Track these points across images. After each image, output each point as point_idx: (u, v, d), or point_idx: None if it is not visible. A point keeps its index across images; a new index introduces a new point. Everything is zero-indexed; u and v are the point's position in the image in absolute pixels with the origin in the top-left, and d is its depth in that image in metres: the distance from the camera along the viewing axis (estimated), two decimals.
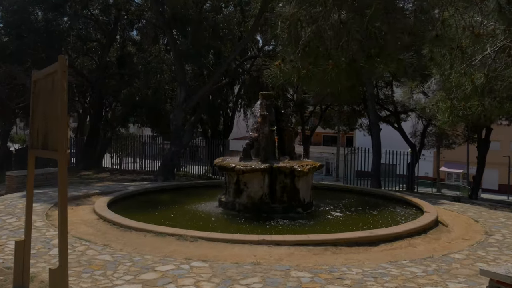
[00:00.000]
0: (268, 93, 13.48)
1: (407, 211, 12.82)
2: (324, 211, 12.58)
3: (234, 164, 12.09)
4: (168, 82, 24.17)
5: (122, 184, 17.27)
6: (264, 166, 11.82)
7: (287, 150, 13.27)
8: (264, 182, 11.95)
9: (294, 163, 12.20)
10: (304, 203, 12.37)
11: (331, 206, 13.27)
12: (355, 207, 13.25)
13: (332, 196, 15.26)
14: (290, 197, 12.08)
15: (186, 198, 14.27)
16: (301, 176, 11.93)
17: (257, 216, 11.67)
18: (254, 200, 12.01)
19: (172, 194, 15.10)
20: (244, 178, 12.04)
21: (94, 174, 22.45)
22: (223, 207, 12.56)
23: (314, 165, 12.35)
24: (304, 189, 12.35)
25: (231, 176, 12.40)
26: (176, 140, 20.04)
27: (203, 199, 13.98)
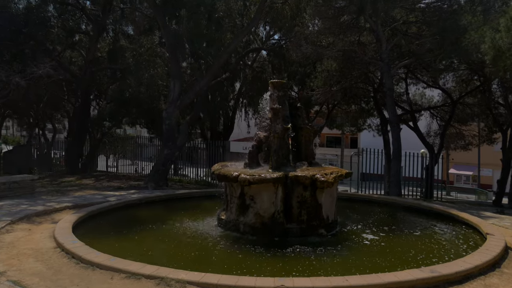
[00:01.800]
0: (280, 82, 10.49)
1: (456, 230, 9.85)
2: (352, 232, 9.60)
3: (238, 173, 9.10)
4: (162, 77, 21.13)
5: (103, 194, 14.30)
6: (277, 176, 8.83)
7: (304, 154, 10.29)
8: (276, 196, 8.96)
9: (315, 171, 9.22)
10: (328, 222, 9.39)
11: (359, 224, 10.30)
12: (388, 225, 10.26)
13: (354, 209, 12.30)
14: (310, 215, 9.10)
15: (177, 213, 11.28)
16: (324, 188, 8.95)
17: (267, 241, 8.71)
18: (264, 219, 9.03)
19: (161, 208, 12.13)
20: (251, 191, 9.06)
21: (77, 180, 19.44)
22: (223, 227, 9.59)
23: (340, 173, 9.37)
24: (327, 204, 9.38)
25: (233, 187, 9.43)
26: (169, 141, 17.04)
27: (199, 215, 11.01)
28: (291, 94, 10.51)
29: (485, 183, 41.94)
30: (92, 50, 22.19)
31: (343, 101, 29.01)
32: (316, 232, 9.04)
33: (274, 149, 9.51)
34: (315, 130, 10.42)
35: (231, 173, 9.20)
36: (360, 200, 13.43)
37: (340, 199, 11.76)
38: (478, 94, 24.88)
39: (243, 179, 8.89)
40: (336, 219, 9.78)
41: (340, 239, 9.04)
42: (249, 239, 8.86)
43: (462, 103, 25.60)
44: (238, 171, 9.21)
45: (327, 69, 23.40)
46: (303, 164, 9.78)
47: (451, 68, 23.09)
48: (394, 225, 10.30)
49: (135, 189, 16.19)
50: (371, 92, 26.60)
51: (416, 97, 29.63)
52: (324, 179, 8.83)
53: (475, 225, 9.69)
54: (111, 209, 11.21)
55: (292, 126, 9.97)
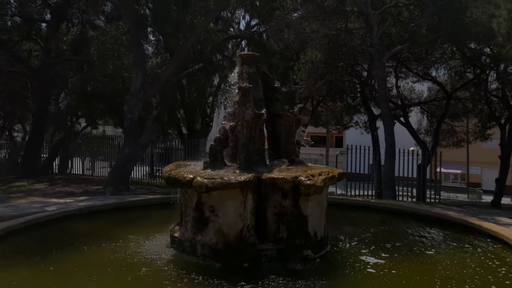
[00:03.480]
0: (252, 54, 7.90)
1: (481, 245, 7.38)
2: (347, 252, 7.05)
3: (193, 175, 6.50)
4: (128, 68, 18.41)
5: (46, 202, 11.61)
6: (245, 178, 6.23)
7: (284, 149, 7.71)
8: (245, 206, 6.37)
9: (298, 172, 6.66)
10: (316, 240, 6.83)
11: (354, 240, 7.76)
12: (391, 240, 7.76)
13: (347, 218, 9.81)
14: (291, 232, 6.53)
15: (123, 228, 8.63)
16: (311, 195, 6.37)
17: (233, 268, 6.16)
18: (228, 239, 6.42)
19: (105, 221, 9.45)
20: (211, 200, 6.46)
21: (30, 184, 16.66)
22: (176, 249, 6.98)
23: (332, 174, 6.80)
24: (315, 216, 6.83)
25: (188, 195, 6.82)
26: (131, 139, 14.37)
27: (151, 229, 8.36)
28: (266, 72, 7.85)
29: (474, 182, 39.90)
30: (51, 40, 19.40)
31: (328, 97, 26.63)
32: (300, 254, 6.46)
33: (243, 143, 6.92)
34: (298, 118, 7.86)
35: (184, 176, 6.59)
36: (353, 206, 10.86)
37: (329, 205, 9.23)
38: (472, 87, 22.75)
39: (199, 184, 6.29)
40: (326, 234, 7.22)
41: (332, 264, 6.48)
42: (207, 266, 6.28)
43: (455, 97, 23.37)
44: (194, 173, 6.60)
45: (311, 60, 20.93)
46: (282, 162, 7.19)
47: (445, 57, 20.87)
48: (399, 240, 7.79)
49: (90, 195, 13.51)
50: (358, 87, 24.27)
51: (405, 92, 27.33)
52: (310, 182, 6.26)
53: (506, 239, 7.24)
54: (39, 223, 8.50)
55: (267, 112, 7.40)
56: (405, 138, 24.24)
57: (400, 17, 18.07)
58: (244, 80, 7.32)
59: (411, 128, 22.58)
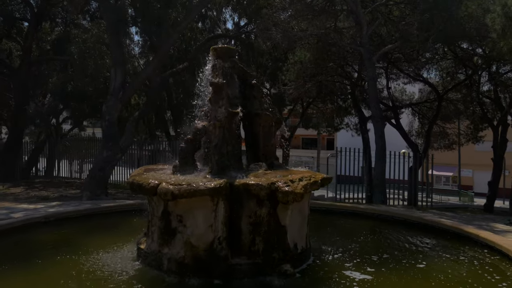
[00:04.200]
0: (227, 48, 7.17)
1: (477, 257, 6.71)
2: (331, 266, 6.35)
3: (158, 181, 5.77)
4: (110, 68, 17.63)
5: (14, 208, 10.82)
6: (215, 185, 5.51)
7: (263, 151, 7.00)
8: (216, 215, 5.66)
9: (277, 176, 5.94)
10: (296, 253, 6.12)
11: (340, 251, 7.05)
12: (380, 252, 7.07)
13: (334, 226, 9.12)
14: (268, 244, 5.82)
15: (90, 237, 7.89)
16: (290, 203, 5.66)
17: (202, 286, 5.45)
18: (198, 252, 5.70)
19: (73, 229, 8.67)
20: (178, 208, 5.74)
21: (5, 188, 15.84)
22: (142, 262, 6.24)
23: (314, 180, 6.09)
24: (295, 226, 6.13)
25: (154, 203, 6.10)
26: (109, 141, 13.60)
27: (120, 239, 7.62)
28: (243, 67, 7.11)
29: (466, 184, 39.40)
30: (31, 39, 18.60)
31: (318, 99, 25.98)
32: (278, 269, 5.74)
33: (215, 144, 6.21)
34: (279, 118, 7.15)
35: (148, 182, 5.86)
36: (341, 212, 10.16)
37: (315, 212, 8.54)
38: (464, 89, 22.21)
39: (164, 191, 5.56)
40: (308, 245, 6.52)
41: (314, 279, 5.78)
42: (173, 283, 5.56)
43: (446, 99, 22.81)
44: (160, 179, 5.87)
45: (300, 60, 20.27)
46: (259, 166, 6.48)
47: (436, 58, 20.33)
48: (388, 252, 7.10)
49: (65, 200, 12.71)
50: (348, 88, 23.63)
51: (396, 93, 26.75)
52: (289, 189, 5.55)
53: (505, 250, 6.57)
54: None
55: (244, 111, 6.69)
56: (396, 140, 23.68)
57: (391, 16, 17.48)
58: (218, 76, 6.60)
59: (403, 130, 21.98)
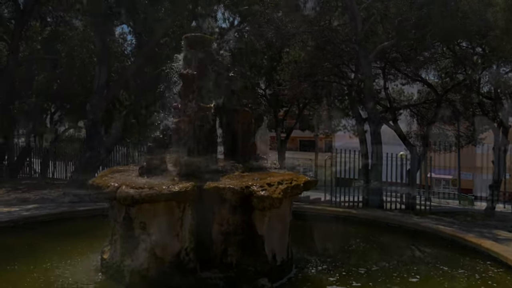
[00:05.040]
0: (200, 36, 6.46)
1: (477, 269, 6.02)
2: (313, 280, 5.67)
3: (118, 184, 5.11)
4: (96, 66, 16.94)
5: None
6: (180, 188, 4.85)
7: (242, 151, 6.34)
8: (182, 223, 5.00)
9: (254, 179, 5.27)
10: (275, 265, 5.44)
11: (326, 262, 6.37)
12: (369, 263, 6.38)
13: (323, 234, 8.44)
14: (243, 255, 5.15)
15: (58, 243, 7.20)
16: (266, 209, 4.99)
17: None
18: (163, 264, 5.04)
19: (41, 234, 7.96)
20: (141, 215, 5.08)
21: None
22: (104, 274, 5.57)
23: (295, 183, 5.42)
24: (274, 235, 5.45)
25: (116, 209, 5.43)
26: (93, 141, 12.92)
27: (86, 246, 6.94)
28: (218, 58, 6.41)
29: (466, 187, 38.64)
30: (17, 38, 17.94)
31: (314, 99, 25.32)
32: (254, 283, 5.08)
33: (184, 143, 5.55)
34: (260, 114, 6.50)
35: (107, 185, 5.20)
36: (333, 217, 9.47)
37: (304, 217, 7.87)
38: (463, 89, 21.55)
39: (124, 195, 4.90)
40: (289, 256, 5.84)
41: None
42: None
43: (446, 100, 22.13)
44: (121, 182, 5.20)
45: (294, 60, 19.64)
46: (235, 167, 5.81)
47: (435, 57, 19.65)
48: (378, 263, 6.41)
49: (45, 202, 12.03)
50: (345, 89, 22.96)
51: (394, 94, 26.03)
52: (265, 193, 4.89)
53: (510, 262, 5.90)
54: None
55: (220, 107, 6.03)
56: (394, 142, 23.02)
57: (388, 13, 16.80)
58: (189, 66, 5.94)
59: (400, 131, 21.26)
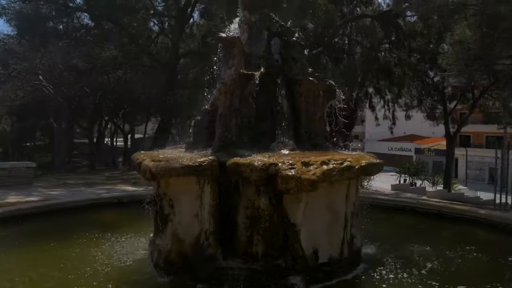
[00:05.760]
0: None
1: None
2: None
3: (144, 158, 4.78)
4: None
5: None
6: (194, 163, 4.27)
7: (306, 128, 5.43)
8: (202, 202, 4.42)
9: (295, 157, 4.37)
10: (316, 263, 4.46)
11: (410, 264, 5.05)
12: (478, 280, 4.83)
13: (429, 236, 6.85)
14: (271, 246, 4.31)
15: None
16: (291, 192, 4.06)
17: None
18: (183, 247, 4.56)
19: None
20: (169, 191, 4.67)
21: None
22: (148, 252, 5.32)
23: (347, 165, 4.34)
24: (318, 226, 4.49)
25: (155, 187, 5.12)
26: None
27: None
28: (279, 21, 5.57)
29: None
30: (177, 35, 19.44)
31: (494, 87, 21.66)
32: (284, 281, 4.23)
33: (220, 114, 4.94)
34: (328, 86, 5.45)
35: (137, 158, 4.91)
36: (455, 217, 7.61)
37: (416, 214, 6.52)
38: None
39: (144, 168, 4.56)
40: (345, 255, 4.74)
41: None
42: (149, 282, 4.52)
43: None
44: (151, 156, 4.86)
45: (459, 41, 17.02)
46: (283, 145, 4.96)
47: None
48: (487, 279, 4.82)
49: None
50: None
51: None
52: (291, 173, 3.98)
53: None
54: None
55: (280, 77, 5.24)
56: None
57: None
58: (243, 31, 5.28)
59: None
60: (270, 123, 5.38)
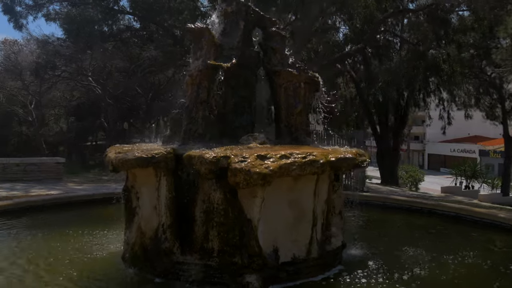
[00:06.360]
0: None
1: None
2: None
3: (112, 151, 4.78)
4: None
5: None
6: (146, 154, 4.20)
7: (286, 121, 5.19)
8: (159, 194, 4.35)
9: (262, 151, 4.16)
10: (276, 262, 4.23)
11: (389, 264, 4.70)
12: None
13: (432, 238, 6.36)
14: (227, 243, 4.14)
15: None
16: (241, 186, 3.86)
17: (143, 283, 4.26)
18: (144, 240, 4.52)
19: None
20: (136, 184, 4.65)
21: None
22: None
23: (310, 159, 4.06)
24: (279, 223, 4.28)
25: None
26: None
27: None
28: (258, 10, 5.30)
29: None
30: None
31: None
32: (239, 279, 4.04)
33: (186, 107, 4.82)
34: (311, 77, 5.18)
35: (106, 151, 4.92)
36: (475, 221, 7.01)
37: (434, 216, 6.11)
38: None
39: (107, 160, 4.58)
40: (312, 255, 4.47)
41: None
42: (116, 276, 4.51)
43: None
44: (116, 149, 4.84)
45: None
46: (253, 138, 4.72)
47: None
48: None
49: None
50: None
51: None
52: (241, 166, 3.79)
53: None
54: None
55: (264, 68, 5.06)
56: None
57: None
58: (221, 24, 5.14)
59: None
60: (249, 116, 5.21)
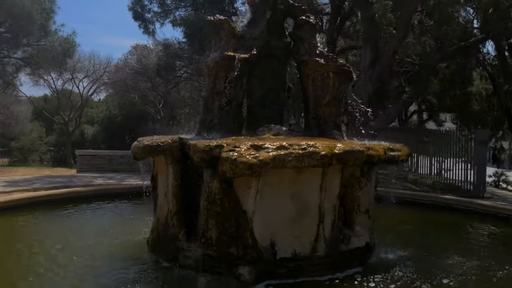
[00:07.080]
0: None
1: None
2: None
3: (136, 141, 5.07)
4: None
5: None
6: (152, 143, 4.38)
7: (314, 113, 4.95)
8: (168, 182, 4.51)
9: (265, 141, 4.09)
10: (271, 256, 4.09)
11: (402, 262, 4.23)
12: None
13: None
14: (224, 233, 4.10)
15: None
16: (228, 175, 3.81)
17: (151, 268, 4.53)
18: (158, 226, 4.71)
19: None
20: (156, 172, 4.89)
21: None
22: None
23: (310, 151, 3.85)
24: (275, 215, 4.12)
25: None
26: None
27: None
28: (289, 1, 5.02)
29: None
30: (332, 31, 19.24)
31: None
32: (233, 270, 4.01)
33: (203, 98, 4.89)
34: (340, 66, 4.87)
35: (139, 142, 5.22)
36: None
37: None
38: None
39: (131, 149, 4.86)
40: (316, 253, 4.20)
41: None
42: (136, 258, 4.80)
43: None
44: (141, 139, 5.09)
45: None
46: (268, 129, 4.63)
47: None
48: None
49: None
50: None
51: None
52: (229, 155, 3.76)
53: None
54: None
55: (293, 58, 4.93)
56: None
57: None
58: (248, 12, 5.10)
59: None
60: (277, 107, 5.10)
